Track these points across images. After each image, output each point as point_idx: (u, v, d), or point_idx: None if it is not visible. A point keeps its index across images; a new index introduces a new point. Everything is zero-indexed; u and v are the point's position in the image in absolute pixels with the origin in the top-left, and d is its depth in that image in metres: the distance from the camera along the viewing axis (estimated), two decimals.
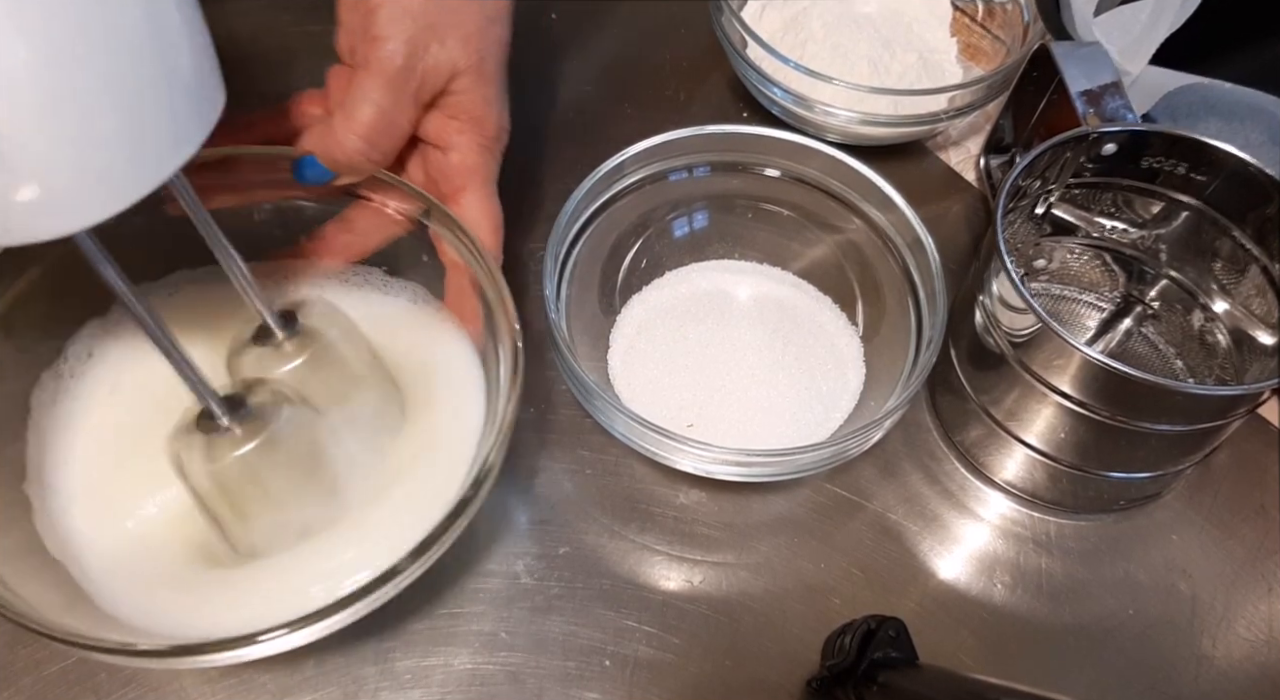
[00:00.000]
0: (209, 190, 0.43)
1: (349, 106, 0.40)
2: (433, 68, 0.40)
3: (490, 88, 0.42)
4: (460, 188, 0.43)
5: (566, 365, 0.43)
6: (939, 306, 0.45)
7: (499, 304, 0.40)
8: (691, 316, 0.51)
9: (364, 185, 0.43)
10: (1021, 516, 0.48)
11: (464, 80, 0.41)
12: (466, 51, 0.40)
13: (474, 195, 0.43)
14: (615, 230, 0.51)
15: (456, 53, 0.40)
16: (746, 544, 0.46)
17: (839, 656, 0.39)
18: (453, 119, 0.42)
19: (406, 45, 0.39)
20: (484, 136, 0.43)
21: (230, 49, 0.55)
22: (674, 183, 0.51)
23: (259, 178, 0.43)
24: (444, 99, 0.42)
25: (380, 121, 0.40)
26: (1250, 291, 0.47)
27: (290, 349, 0.39)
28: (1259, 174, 0.44)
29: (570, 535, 0.46)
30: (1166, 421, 0.41)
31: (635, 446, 0.44)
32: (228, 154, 0.42)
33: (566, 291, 0.47)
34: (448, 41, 0.40)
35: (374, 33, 0.39)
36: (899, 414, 0.43)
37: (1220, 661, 0.44)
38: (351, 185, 0.43)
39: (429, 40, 0.40)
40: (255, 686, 0.41)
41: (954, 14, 0.61)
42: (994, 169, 0.58)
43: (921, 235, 0.46)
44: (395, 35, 0.39)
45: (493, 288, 0.40)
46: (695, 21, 0.64)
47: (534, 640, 0.43)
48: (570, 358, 0.43)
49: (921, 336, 0.46)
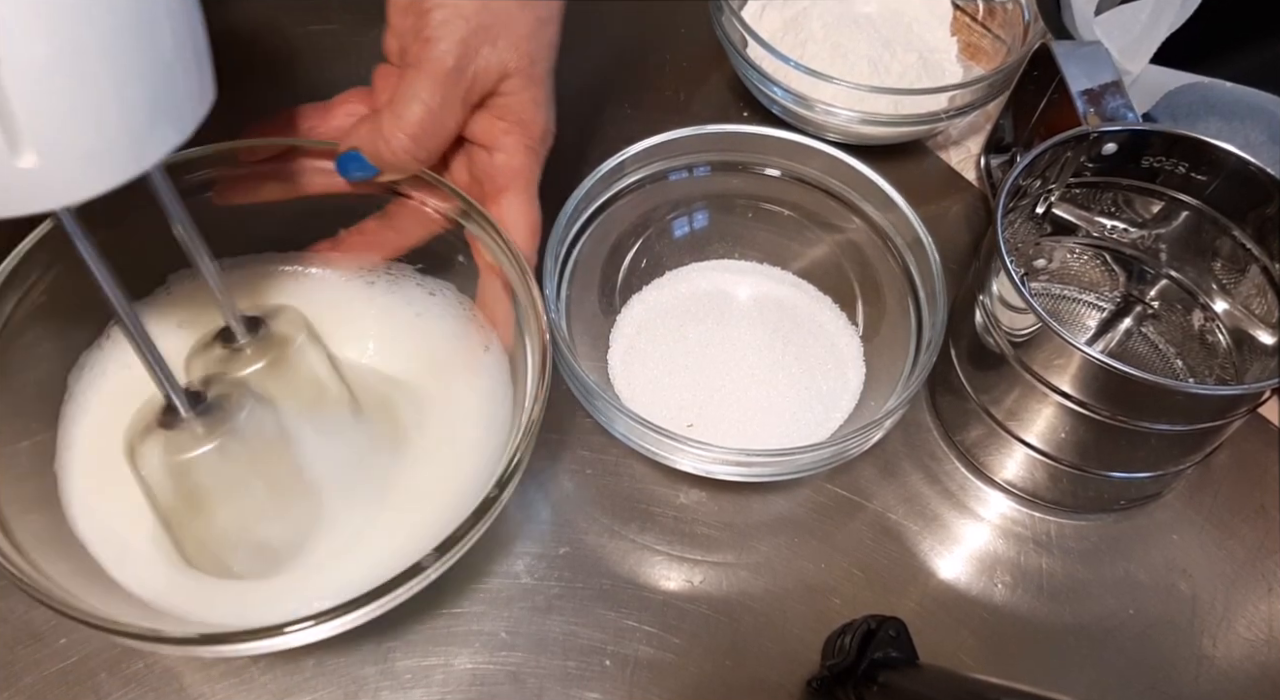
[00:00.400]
0: (257, 182, 0.44)
1: (398, 105, 0.40)
2: (483, 69, 0.40)
3: (539, 90, 0.42)
4: (503, 188, 0.43)
5: (566, 365, 0.43)
6: (939, 306, 0.45)
7: (530, 307, 0.40)
8: (691, 316, 0.51)
9: (405, 183, 0.43)
10: (1022, 516, 0.48)
11: (513, 82, 0.41)
12: (518, 54, 0.40)
13: (515, 198, 0.43)
14: (615, 230, 0.51)
15: (507, 55, 0.40)
16: (747, 544, 0.46)
17: (839, 656, 0.39)
18: (500, 120, 0.42)
19: (459, 47, 0.39)
20: (530, 138, 0.42)
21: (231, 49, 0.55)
22: (674, 182, 0.51)
23: (304, 171, 0.44)
24: (493, 100, 0.42)
25: (428, 121, 0.40)
26: (1250, 291, 0.47)
27: (250, 353, 0.39)
28: (1259, 173, 0.44)
29: (570, 535, 0.46)
30: (1166, 421, 0.41)
31: (635, 446, 0.44)
32: (278, 145, 0.43)
33: (566, 291, 0.47)
34: (499, 44, 0.40)
35: (426, 34, 0.39)
36: (899, 414, 0.43)
37: (1220, 661, 0.44)
38: (393, 182, 0.43)
39: (481, 42, 0.40)
40: (255, 686, 0.41)
41: (954, 13, 0.61)
42: (994, 168, 0.58)
43: (922, 235, 0.46)
44: (447, 37, 0.39)
45: (525, 291, 0.41)
46: (695, 21, 0.64)
47: (534, 640, 0.43)
48: (570, 358, 0.43)
49: (922, 336, 0.46)
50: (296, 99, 0.56)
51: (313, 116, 0.45)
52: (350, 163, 0.41)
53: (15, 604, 0.42)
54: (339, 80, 0.62)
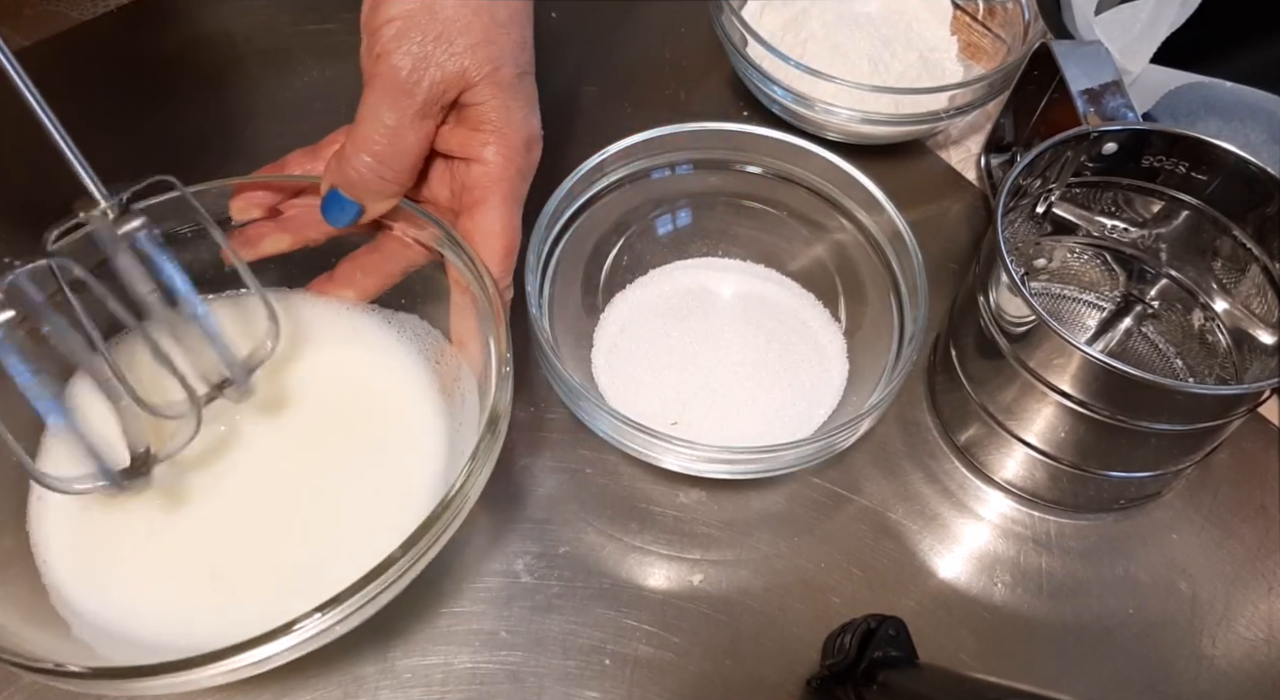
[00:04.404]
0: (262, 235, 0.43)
1: (357, 126, 0.39)
2: (439, 79, 0.39)
3: (508, 95, 0.40)
4: (479, 200, 0.41)
5: (550, 365, 0.43)
6: (920, 301, 0.45)
7: (490, 319, 0.39)
8: (675, 314, 0.51)
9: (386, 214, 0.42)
10: (1021, 516, 0.48)
11: (479, 91, 0.40)
12: (476, 60, 0.39)
13: (491, 210, 0.41)
14: (598, 229, 0.51)
15: (465, 62, 0.39)
16: (746, 543, 0.46)
17: (839, 655, 0.39)
18: (476, 131, 0.41)
19: (409, 58, 0.38)
20: (508, 147, 0.41)
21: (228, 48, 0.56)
22: (656, 180, 0.51)
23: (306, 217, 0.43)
24: (463, 112, 0.41)
25: (388, 138, 0.39)
26: (1250, 291, 0.47)
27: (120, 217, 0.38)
28: (1259, 173, 0.44)
29: (570, 534, 0.46)
30: (1166, 420, 0.41)
31: (619, 445, 0.44)
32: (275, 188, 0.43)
33: (549, 291, 0.47)
34: (455, 51, 0.39)
35: (377, 49, 0.39)
36: (883, 409, 0.43)
37: (1220, 661, 0.44)
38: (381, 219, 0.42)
39: (434, 51, 0.39)
40: (255, 684, 0.41)
41: (954, 12, 0.61)
42: (994, 168, 0.58)
43: (903, 229, 0.46)
44: (397, 49, 0.38)
45: (485, 301, 0.39)
46: (695, 20, 0.64)
47: (534, 639, 0.43)
48: (553, 357, 0.43)
49: (904, 331, 0.46)
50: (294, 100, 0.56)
51: (303, 161, 0.44)
52: (332, 205, 0.40)
53: None
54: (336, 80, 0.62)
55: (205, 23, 0.60)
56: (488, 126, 0.40)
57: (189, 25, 0.61)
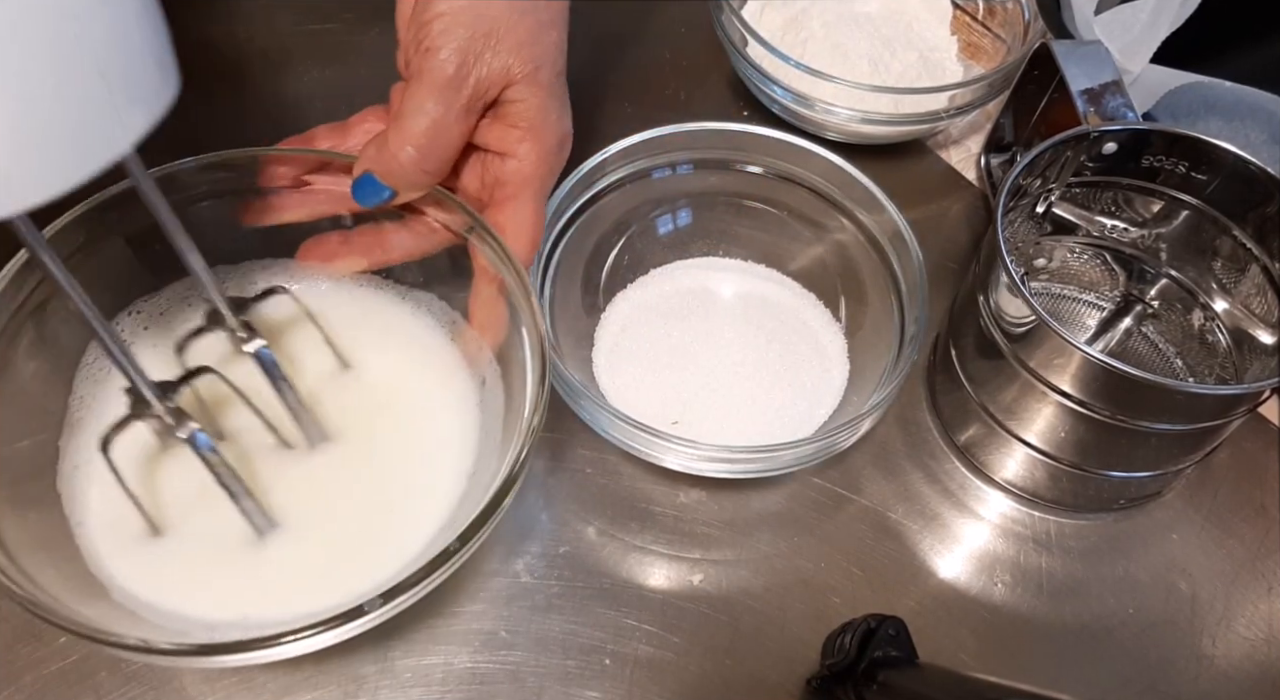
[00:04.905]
0: (282, 205, 0.44)
1: (402, 118, 0.40)
2: (485, 76, 0.40)
3: (546, 95, 0.42)
4: (511, 195, 0.42)
5: (550, 364, 0.43)
6: (920, 301, 0.45)
7: (528, 315, 0.40)
8: (676, 314, 0.51)
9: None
10: (1022, 515, 0.48)
11: (519, 88, 0.41)
12: (520, 59, 0.40)
13: (523, 205, 0.42)
14: (598, 228, 0.51)
15: (510, 60, 0.40)
16: (746, 543, 0.46)
17: (839, 655, 0.39)
18: (512, 128, 0.42)
19: (458, 54, 0.39)
20: (542, 146, 0.42)
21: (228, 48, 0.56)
22: (657, 180, 0.51)
23: (326, 191, 0.44)
24: (502, 108, 0.41)
25: (433, 132, 0.40)
26: (1250, 290, 0.47)
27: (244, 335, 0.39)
28: (1259, 173, 0.44)
29: (570, 534, 0.46)
30: (1166, 420, 0.41)
31: (620, 444, 0.44)
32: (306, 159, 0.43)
33: (550, 290, 0.48)
34: (500, 50, 0.40)
35: (426, 44, 0.39)
36: (883, 409, 0.43)
37: (1220, 661, 0.44)
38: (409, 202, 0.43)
39: (482, 49, 0.39)
40: (255, 685, 0.41)
41: (954, 12, 0.61)
42: (994, 168, 0.58)
43: (903, 229, 0.46)
44: (446, 45, 0.39)
45: (522, 294, 0.40)
46: (695, 20, 0.64)
47: (534, 639, 0.43)
48: (554, 356, 0.43)
49: (905, 331, 0.46)
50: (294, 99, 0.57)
51: (331, 136, 0.45)
52: (364, 187, 0.41)
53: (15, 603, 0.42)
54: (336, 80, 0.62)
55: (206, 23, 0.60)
56: (524, 124, 0.41)
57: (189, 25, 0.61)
